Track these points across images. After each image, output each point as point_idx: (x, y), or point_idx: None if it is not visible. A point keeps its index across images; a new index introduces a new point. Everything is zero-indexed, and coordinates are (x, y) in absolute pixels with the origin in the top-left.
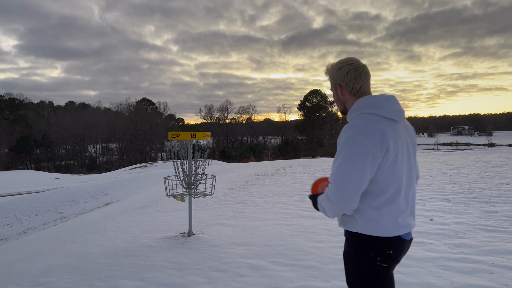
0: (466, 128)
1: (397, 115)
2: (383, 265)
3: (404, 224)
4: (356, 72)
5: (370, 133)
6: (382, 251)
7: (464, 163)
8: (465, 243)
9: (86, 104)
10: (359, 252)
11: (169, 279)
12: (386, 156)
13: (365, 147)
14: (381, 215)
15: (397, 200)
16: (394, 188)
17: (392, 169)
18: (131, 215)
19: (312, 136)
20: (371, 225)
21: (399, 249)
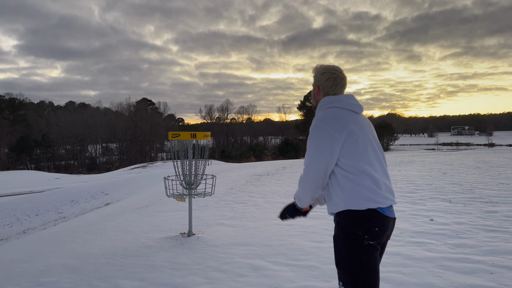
0: (466, 128)
1: (356, 108)
2: (371, 243)
3: (383, 198)
4: (335, 82)
5: (331, 121)
6: (369, 229)
7: (464, 163)
8: (465, 243)
9: (86, 104)
10: (349, 233)
11: (169, 279)
12: (349, 137)
13: (327, 132)
14: (359, 191)
15: (370, 176)
16: (364, 166)
17: (357, 149)
18: (131, 215)
19: None
20: (350, 202)
21: (383, 226)
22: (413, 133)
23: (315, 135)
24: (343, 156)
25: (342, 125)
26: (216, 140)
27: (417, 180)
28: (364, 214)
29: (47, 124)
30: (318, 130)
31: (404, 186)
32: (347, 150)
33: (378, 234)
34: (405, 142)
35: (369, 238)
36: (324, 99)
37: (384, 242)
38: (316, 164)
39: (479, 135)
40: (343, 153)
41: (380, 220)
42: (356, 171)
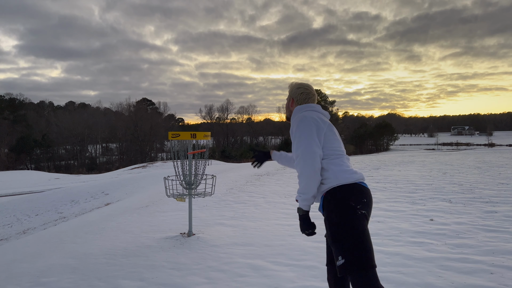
0: (466, 128)
1: (325, 114)
2: (363, 212)
3: (359, 174)
4: (307, 96)
5: (312, 116)
6: (360, 199)
7: (464, 163)
8: (465, 243)
9: (86, 104)
10: (344, 205)
11: (169, 279)
12: (327, 130)
13: (311, 124)
14: (343, 169)
15: (347, 159)
16: (340, 152)
17: (334, 138)
18: (131, 215)
19: None
20: (340, 177)
21: (369, 197)
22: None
23: (302, 128)
24: (324, 145)
25: (322, 120)
26: (216, 140)
27: (417, 180)
28: (354, 187)
29: (47, 124)
30: (304, 124)
31: (404, 186)
32: (327, 140)
33: (367, 204)
34: (405, 142)
35: (361, 207)
36: (299, 106)
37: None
38: (311, 149)
39: (479, 135)
40: (324, 142)
41: (366, 192)
42: (336, 155)
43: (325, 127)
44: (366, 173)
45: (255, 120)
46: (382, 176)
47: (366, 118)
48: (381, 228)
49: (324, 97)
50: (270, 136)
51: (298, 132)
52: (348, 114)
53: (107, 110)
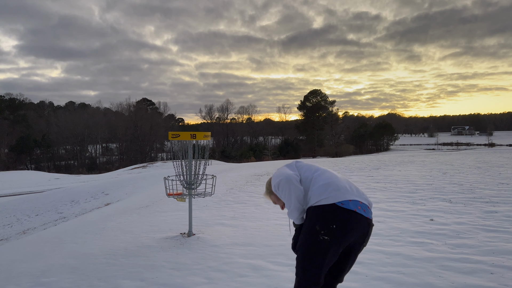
0: (466, 128)
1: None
2: (323, 237)
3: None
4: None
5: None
6: (325, 220)
7: (464, 163)
8: (466, 243)
9: (86, 104)
10: (307, 222)
11: (169, 279)
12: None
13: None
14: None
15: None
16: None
17: (309, 166)
18: (131, 215)
19: (312, 136)
20: (315, 195)
21: (345, 221)
22: (413, 133)
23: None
24: (302, 173)
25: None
26: (216, 140)
27: (417, 180)
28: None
29: (47, 124)
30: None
31: (404, 186)
32: (303, 169)
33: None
34: (405, 142)
35: (326, 233)
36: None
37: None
38: (286, 172)
39: (479, 135)
40: (301, 171)
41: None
42: (315, 176)
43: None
44: (366, 173)
45: (255, 120)
46: (382, 176)
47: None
48: (381, 228)
49: (324, 97)
50: (270, 136)
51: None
52: (348, 114)
53: (107, 110)
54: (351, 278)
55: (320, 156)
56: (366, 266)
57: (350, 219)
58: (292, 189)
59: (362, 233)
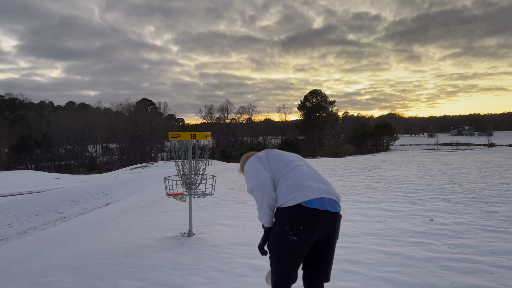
0: (466, 128)
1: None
2: (293, 238)
3: (308, 195)
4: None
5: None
6: (291, 221)
7: (464, 163)
8: (465, 243)
9: (86, 104)
10: (276, 224)
11: (169, 279)
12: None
13: (254, 159)
14: (290, 188)
15: (300, 173)
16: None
17: (280, 159)
18: (131, 215)
19: (312, 136)
20: (281, 197)
21: (308, 219)
22: (413, 133)
23: (248, 165)
24: (271, 167)
25: (259, 156)
26: (216, 140)
27: (417, 180)
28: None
29: (47, 124)
30: (248, 163)
31: (404, 186)
32: (272, 163)
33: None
34: (405, 142)
35: (295, 234)
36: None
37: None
38: (257, 171)
39: (479, 135)
40: (271, 164)
41: (307, 216)
42: (285, 172)
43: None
44: (366, 173)
45: (255, 120)
46: (382, 176)
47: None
48: (381, 228)
49: (324, 97)
50: (270, 136)
51: (246, 171)
52: (348, 114)
53: (107, 110)
54: (351, 278)
55: (320, 156)
56: (366, 266)
57: (315, 217)
58: (265, 197)
59: (329, 228)
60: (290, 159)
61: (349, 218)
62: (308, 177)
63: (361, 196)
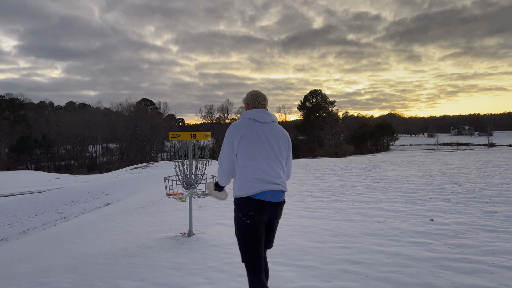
0: (466, 128)
1: (260, 118)
2: (246, 221)
3: (258, 188)
4: (255, 96)
5: (233, 128)
6: (245, 210)
7: (464, 163)
8: (465, 243)
9: (86, 104)
10: (235, 212)
11: (169, 279)
12: (241, 141)
13: (229, 136)
14: (240, 180)
15: (252, 169)
16: (248, 162)
17: (247, 148)
18: (131, 215)
19: (312, 136)
20: (236, 189)
21: (258, 209)
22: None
23: (225, 136)
24: (238, 154)
25: (237, 131)
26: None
27: (417, 180)
28: (241, 199)
29: (47, 124)
30: (226, 133)
31: (404, 186)
32: (239, 150)
33: (254, 215)
34: (405, 142)
35: (247, 218)
36: (244, 112)
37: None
38: (222, 154)
39: (479, 135)
40: (238, 151)
41: (252, 205)
42: (242, 166)
43: (238, 139)
44: (366, 173)
45: None
46: (382, 176)
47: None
48: (381, 228)
49: (324, 97)
50: None
51: (224, 138)
52: (348, 114)
53: (107, 110)
54: (351, 278)
55: (320, 156)
56: (366, 266)
57: (260, 206)
58: (224, 177)
59: (272, 213)
60: (252, 155)
61: (349, 218)
62: (260, 174)
63: (361, 196)
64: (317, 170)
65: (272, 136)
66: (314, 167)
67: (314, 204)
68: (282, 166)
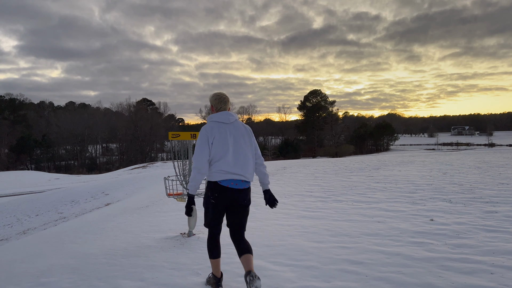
0: (466, 128)
1: (225, 120)
2: (212, 201)
3: (222, 177)
4: (219, 100)
5: (205, 132)
6: (212, 192)
7: (464, 163)
8: (466, 243)
9: (86, 104)
10: (205, 191)
11: (169, 279)
12: (214, 140)
13: (203, 139)
14: (211, 170)
15: (221, 162)
16: (220, 156)
17: (219, 147)
18: (131, 215)
19: (312, 136)
20: (209, 175)
21: (220, 193)
22: (413, 133)
23: (198, 138)
24: (212, 150)
25: (211, 132)
26: None
27: (417, 180)
28: (212, 182)
29: (47, 124)
30: (200, 133)
31: (404, 186)
32: (212, 149)
33: (218, 197)
34: (405, 142)
35: (212, 198)
36: (210, 116)
37: (233, 205)
38: (198, 154)
39: (479, 135)
40: (212, 148)
41: (220, 189)
42: (215, 161)
43: (212, 139)
44: (366, 173)
45: (255, 120)
46: (382, 176)
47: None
48: (381, 228)
49: (324, 97)
50: (270, 136)
51: (197, 140)
52: (348, 114)
53: (107, 110)
54: (351, 278)
55: (320, 156)
56: (366, 266)
57: (223, 191)
58: (199, 178)
59: (234, 198)
60: (223, 153)
61: (349, 218)
62: (228, 165)
63: (361, 196)
64: (317, 170)
65: (237, 133)
66: (314, 167)
67: (314, 204)
68: (249, 157)
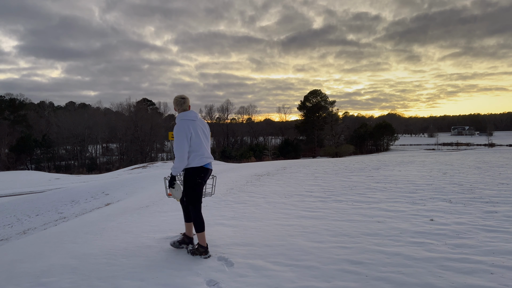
0: (466, 128)
1: (194, 118)
2: (199, 181)
3: (205, 161)
4: (180, 103)
5: (182, 129)
6: (199, 174)
7: (464, 163)
8: (466, 243)
9: (86, 104)
10: (190, 177)
11: (169, 279)
12: (192, 135)
13: (183, 134)
14: (194, 158)
15: (200, 152)
16: (198, 147)
17: (196, 140)
18: (131, 215)
19: (312, 136)
20: (191, 163)
21: (205, 173)
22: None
23: (177, 132)
24: (190, 144)
25: (188, 128)
26: (216, 140)
27: (417, 180)
28: (196, 168)
29: (47, 125)
30: (179, 130)
31: (404, 186)
32: (191, 141)
33: (202, 177)
34: (405, 142)
35: (199, 178)
36: (179, 114)
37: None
38: (181, 147)
39: (479, 135)
40: (190, 142)
41: (203, 170)
42: (195, 150)
43: (190, 133)
44: (366, 173)
45: (255, 120)
46: (382, 176)
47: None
48: (381, 228)
49: (324, 97)
50: (270, 136)
51: (175, 134)
52: (348, 114)
53: (107, 110)
54: (351, 278)
55: (320, 156)
56: (366, 266)
57: (206, 172)
58: (182, 165)
59: (208, 176)
60: (199, 143)
61: (349, 218)
62: (205, 152)
63: (361, 196)
64: (317, 170)
65: (203, 128)
66: (314, 167)
67: (314, 204)
68: (209, 145)
